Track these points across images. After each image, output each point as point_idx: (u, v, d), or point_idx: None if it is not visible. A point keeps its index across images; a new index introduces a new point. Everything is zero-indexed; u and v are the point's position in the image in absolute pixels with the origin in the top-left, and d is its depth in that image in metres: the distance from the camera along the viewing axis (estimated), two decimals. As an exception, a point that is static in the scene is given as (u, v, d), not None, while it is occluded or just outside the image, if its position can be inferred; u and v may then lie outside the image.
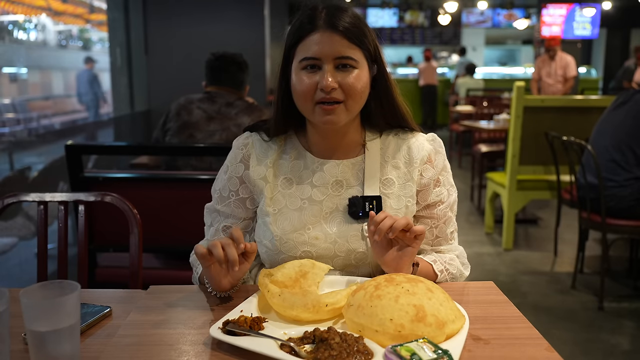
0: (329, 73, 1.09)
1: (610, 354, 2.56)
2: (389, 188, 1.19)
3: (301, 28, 1.12)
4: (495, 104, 7.15)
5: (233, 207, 1.23)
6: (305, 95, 1.11)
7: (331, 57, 1.09)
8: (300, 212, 1.17)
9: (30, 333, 0.79)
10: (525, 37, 14.29)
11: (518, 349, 0.90)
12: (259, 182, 1.20)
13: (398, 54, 13.95)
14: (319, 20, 1.10)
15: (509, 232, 3.97)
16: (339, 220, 1.17)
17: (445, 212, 1.23)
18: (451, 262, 1.22)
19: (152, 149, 2.60)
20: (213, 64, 2.60)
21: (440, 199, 1.22)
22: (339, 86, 1.10)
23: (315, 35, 1.10)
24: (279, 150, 1.23)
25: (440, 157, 1.23)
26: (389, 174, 1.20)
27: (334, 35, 1.09)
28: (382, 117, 1.21)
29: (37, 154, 3.44)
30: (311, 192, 1.18)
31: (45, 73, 4.13)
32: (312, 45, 1.09)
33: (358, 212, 1.16)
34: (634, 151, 2.90)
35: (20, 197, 1.45)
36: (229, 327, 0.91)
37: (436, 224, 1.23)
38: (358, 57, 1.11)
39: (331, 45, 1.09)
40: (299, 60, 1.12)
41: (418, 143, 1.22)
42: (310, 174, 1.20)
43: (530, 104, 3.79)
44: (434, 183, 1.21)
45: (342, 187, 1.19)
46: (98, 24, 4.78)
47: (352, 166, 1.20)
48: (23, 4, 3.50)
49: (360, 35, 1.11)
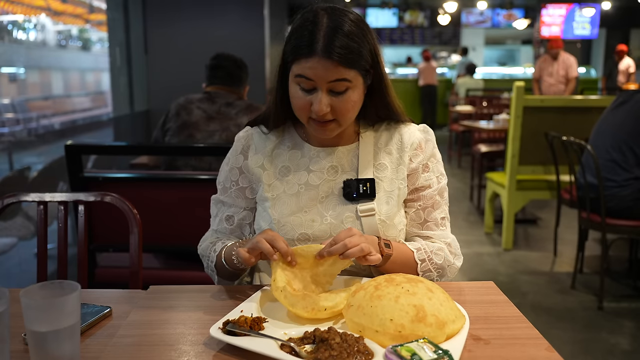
0: (321, 100, 1.12)
1: (609, 353, 2.56)
2: (382, 172, 1.24)
3: (298, 48, 1.12)
4: (494, 104, 7.15)
5: (234, 197, 1.29)
6: (301, 109, 1.16)
7: (325, 81, 1.12)
8: (297, 197, 1.22)
9: (30, 333, 0.79)
10: (525, 37, 14.30)
11: (518, 349, 0.90)
12: (256, 170, 1.26)
13: (398, 54, 13.96)
14: (317, 44, 1.09)
15: (508, 232, 3.97)
16: (334, 203, 1.21)
17: (432, 195, 1.26)
18: (438, 252, 1.22)
19: (151, 149, 2.60)
20: (211, 64, 2.61)
21: (429, 183, 1.26)
22: (331, 109, 1.14)
23: (311, 61, 1.10)
24: (277, 141, 1.29)
25: (429, 144, 1.28)
26: (382, 159, 1.25)
27: (329, 62, 1.10)
28: (375, 112, 1.26)
29: (37, 154, 3.44)
30: (308, 177, 1.23)
31: (44, 73, 4.12)
32: (307, 69, 1.11)
33: (352, 193, 1.20)
34: (633, 151, 2.90)
35: (20, 197, 1.45)
36: (229, 327, 0.91)
37: (423, 206, 1.26)
38: (352, 76, 1.13)
39: (326, 71, 1.11)
40: (294, 74, 1.14)
41: (410, 131, 1.28)
42: (307, 161, 1.25)
43: (529, 104, 3.79)
44: (422, 168, 1.26)
45: (337, 172, 1.24)
46: (98, 24, 4.78)
47: (347, 152, 1.26)
48: (22, 4, 3.50)
49: (356, 58, 1.12)
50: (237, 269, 1.17)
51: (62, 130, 4.08)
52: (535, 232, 4.50)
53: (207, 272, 1.30)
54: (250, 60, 2.74)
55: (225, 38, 4.53)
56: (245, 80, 2.66)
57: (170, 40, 4.64)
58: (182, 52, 4.59)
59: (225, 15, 4.65)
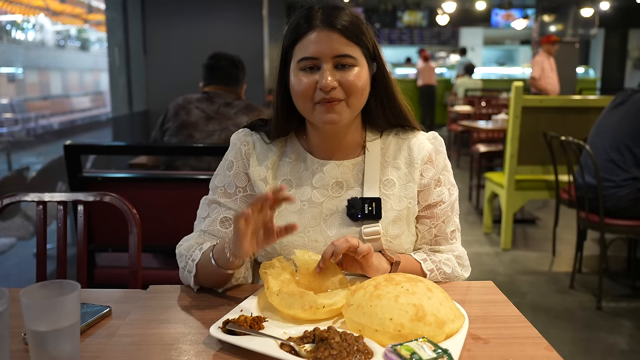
0: (328, 72, 1.07)
1: (608, 353, 2.56)
2: (389, 189, 1.18)
3: (298, 27, 1.10)
4: (493, 104, 7.16)
5: (240, 204, 1.20)
6: (305, 95, 1.10)
7: (330, 56, 1.08)
8: (299, 215, 1.16)
9: (30, 333, 0.79)
10: (524, 37, 14.31)
11: (517, 348, 0.90)
12: (259, 182, 1.19)
13: (396, 54, 13.96)
14: (315, 19, 1.09)
15: (507, 232, 3.97)
16: (338, 223, 1.16)
17: (445, 211, 1.21)
18: (446, 262, 1.19)
19: (150, 149, 2.59)
20: (208, 63, 2.60)
21: (442, 198, 1.21)
22: (339, 85, 1.08)
23: (312, 35, 1.08)
24: (279, 152, 1.21)
25: (441, 156, 1.22)
26: (389, 174, 1.19)
27: (331, 33, 1.07)
28: (383, 116, 1.20)
29: (36, 154, 3.44)
30: (311, 194, 1.17)
31: (43, 73, 4.12)
32: (310, 45, 1.08)
33: (357, 214, 1.14)
34: (632, 151, 2.90)
35: (19, 197, 1.45)
36: (229, 327, 0.91)
37: (435, 224, 1.21)
38: (357, 55, 1.10)
39: (329, 44, 1.07)
40: (297, 60, 1.10)
41: (419, 142, 1.21)
42: (310, 175, 1.19)
43: (528, 104, 3.80)
44: (434, 183, 1.20)
45: (342, 188, 1.18)
46: (96, 24, 4.77)
47: (353, 167, 1.19)
48: (21, 4, 3.50)
49: (358, 33, 1.10)
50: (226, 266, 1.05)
51: (61, 130, 4.08)
52: (533, 232, 4.50)
53: (181, 276, 1.17)
54: (249, 61, 2.74)
55: (224, 38, 4.53)
56: (243, 79, 2.66)
57: (169, 40, 4.64)
58: (181, 52, 4.60)
59: (224, 15, 4.65)
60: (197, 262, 1.12)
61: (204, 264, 1.10)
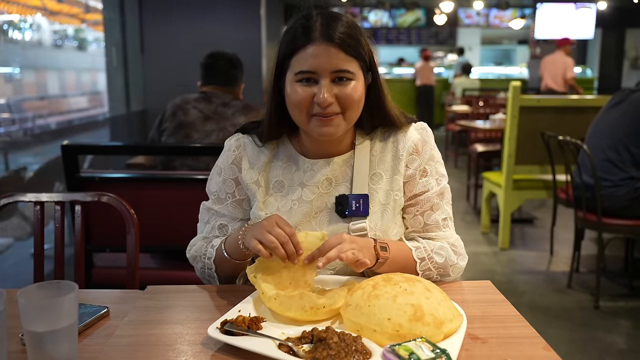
0: (326, 88, 1.08)
1: (606, 352, 2.56)
2: (377, 183, 1.19)
3: (295, 39, 1.09)
4: (491, 103, 7.16)
5: (230, 209, 1.24)
6: (301, 107, 1.10)
7: (328, 71, 1.07)
8: (290, 214, 1.17)
9: (27, 333, 0.79)
10: (521, 37, 14.32)
11: (515, 348, 0.90)
12: (251, 186, 1.21)
13: (395, 54, 13.96)
14: (314, 31, 1.08)
15: (505, 232, 3.98)
16: (328, 220, 1.17)
17: (430, 198, 1.20)
18: (439, 251, 1.17)
19: (148, 149, 2.59)
20: (206, 63, 2.60)
21: (427, 188, 1.20)
22: (336, 99, 1.09)
23: (310, 48, 1.07)
24: (271, 154, 1.23)
25: (427, 146, 1.21)
26: (377, 168, 1.20)
27: (330, 48, 1.07)
28: (370, 122, 1.21)
29: (33, 154, 3.43)
30: (301, 193, 1.19)
31: (40, 73, 4.11)
32: (308, 59, 1.07)
33: (345, 211, 1.16)
34: (629, 150, 2.91)
35: (16, 198, 1.45)
36: (227, 327, 0.91)
37: (421, 211, 1.20)
38: (354, 69, 1.10)
39: (328, 58, 1.07)
40: (294, 72, 1.10)
41: (406, 135, 1.21)
42: (302, 174, 1.20)
43: (526, 103, 3.80)
44: (420, 173, 1.20)
45: (331, 184, 1.19)
46: (94, 24, 4.76)
47: (343, 163, 1.21)
48: (18, 4, 3.49)
49: (356, 46, 1.10)
50: (242, 257, 1.12)
51: (58, 130, 4.07)
52: (531, 231, 4.51)
53: (202, 276, 1.24)
54: (247, 60, 2.74)
55: (222, 38, 4.53)
56: (241, 79, 2.66)
57: (167, 40, 4.63)
58: (179, 52, 4.59)
59: (222, 15, 4.65)
60: (213, 259, 1.19)
61: (219, 261, 1.18)
